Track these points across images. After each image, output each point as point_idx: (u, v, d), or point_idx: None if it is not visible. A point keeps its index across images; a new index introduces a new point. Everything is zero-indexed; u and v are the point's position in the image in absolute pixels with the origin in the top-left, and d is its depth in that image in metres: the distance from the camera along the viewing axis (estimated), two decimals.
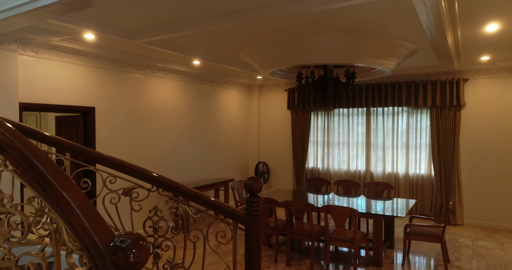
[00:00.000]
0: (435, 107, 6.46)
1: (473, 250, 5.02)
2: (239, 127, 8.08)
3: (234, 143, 7.88)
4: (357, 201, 5.13)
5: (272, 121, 8.26)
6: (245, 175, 8.27)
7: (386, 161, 7.08)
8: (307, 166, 7.89)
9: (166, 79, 6.13)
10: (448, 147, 6.36)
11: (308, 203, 4.27)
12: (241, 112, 8.13)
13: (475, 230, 6.02)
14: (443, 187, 6.40)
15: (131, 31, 4.14)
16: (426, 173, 6.74)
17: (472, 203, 6.29)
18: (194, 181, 6.64)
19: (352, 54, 4.20)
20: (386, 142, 7.09)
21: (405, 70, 6.45)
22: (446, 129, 6.37)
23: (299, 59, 4.34)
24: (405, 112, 6.90)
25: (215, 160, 7.30)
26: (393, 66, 4.68)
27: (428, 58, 5.35)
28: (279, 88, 8.12)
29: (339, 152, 7.58)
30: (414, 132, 6.83)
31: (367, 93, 7.06)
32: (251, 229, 2.36)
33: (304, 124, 7.76)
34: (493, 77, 6.08)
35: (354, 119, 7.41)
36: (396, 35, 4.03)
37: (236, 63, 6.00)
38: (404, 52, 4.47)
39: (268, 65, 4.71)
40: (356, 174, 7.37)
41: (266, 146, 8.34)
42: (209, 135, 7.14)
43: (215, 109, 7.31)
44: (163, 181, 2.49)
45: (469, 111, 6.29)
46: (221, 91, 7.47)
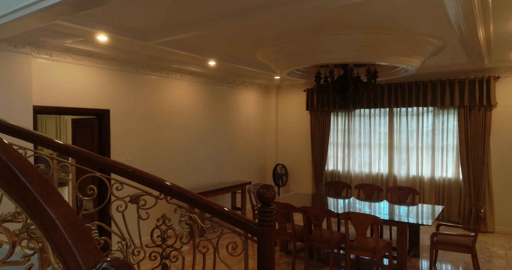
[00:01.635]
0: (463, 107, 6.10)
1: (506, 261, 4.67)
2: (257, 129, 7.92)
3: (251, 145, 7.73)
4: (379, 207, 4.88)
5: (290, 122, 8.07)
6: (263, 178, 8.11)
7: (410, 163, 6.76)
8: (327, 169, 7.65)
9: (182, 81, 6.05)
10: (477, 150, 5.99)
11: (327, 209, 4.06)
12: (259, 113, 7.97)
13: (508, 238, 5.64)
14: (472, 192, 6.03)
15: (143, 32, 4.05)
16: (453, 176, 6.39)
17: (504, 209, 5.90)
18: (210, 184, 6.53)
19: (374, 52, 3.96)
20: (410, 143, 6.77)
21: (431, 69, 6.13)
22: (475, 131, 6.01)
23: (317, 58, 4.14)
24: (430, 113, 6.57)
25: (232, 162, 7.17)
26: (417, 65, 4.41)
27: (455, 55, 5.04)
28: (297, 89, 7.91)
29: (360, 154, 7.30)
30: (440, 133, 6.49)
31: (389, 93, 6.77)
32: (263, 241, 2.19)
33: (324, 125, 7.52)
34: None
35: (376, 119, 7.12)
36: (421, 31, 3.77)
37: (252, 63, 5.84)
38: (430, 49, 4.19)
39: (285, 65, 4.53)
40: (378, 178, 7.08)
41: (284, 148, 8.15)
42: (226, 137, 7.01)
43: (231, 111, 7.18)
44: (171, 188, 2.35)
45: (500, 111, 5.91)
46: (237, 92, 7.34)
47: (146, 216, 2.38)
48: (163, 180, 2.34)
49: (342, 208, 4.93)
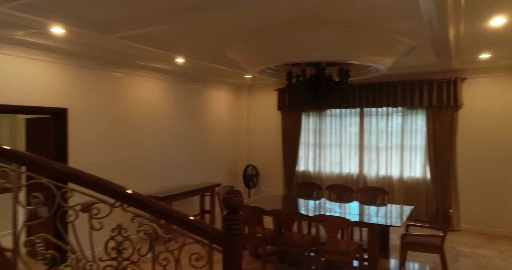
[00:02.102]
0: (431, 107, 6.19)
1: (472, 259, 4.74)
2: (228, 129, 7.73)
3: (222, 145, 7.53)
4: (350, 208, 4.82)
5: (262, 122, 7.93)
6: (234, 179, 7.92)
7: (380, 163, 6.80)
8: (298, 169, 7.57)
9: (149, 78, 5.76)
10: (444, 149, 6.09)
11: (298, 212, 3.94)
12: (230, 113, 7.78)
13: (473, 236, 5.76)
14: (439, 191, 6.12)
15: (104, 24, 3.77)
16: (421, 176, 6.47)
17: (469, 208, 6.02)
18: (179, 187, 6.27)
19: (347, 51, 3.88)
20: (379, 143, 6.80)
21: (401, 69, 6.16)
22: (443, 131, 6.10)
23: (289, 57, 4.01)
24: (400, 113, 6.63)
25: (202, 164, 6.95)
26: (389, 64, 4.38)
27: (425, 56, 5.06)
28: (269, 88, 7.79)
29: (331, 155, 7.28)
30: (409, 133, 6.55)
31: (360, 93, 6.77)
32: (229, 251, 2.01)
33: (295, 126, 7.44)
34: (492, 76, 5.82)
35: (346, 120, 7.11)
36: (395, 29, 3.72)
37: (223, 61, 5.64)
38: (402, 48, 4.16)
39: (257, 63, 4.37)
40: (349, 177, 7.07)
41: (256, 149, 8.01)
42: (196, 138, 6.78)
43: (202, 110, 6.95)
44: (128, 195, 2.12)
45: (466, 112, 6.03)
46: (208, 91, 7.12)
47: (100, 226, 2.14)
48: (118, 185, 2.11)
49: (313, 209, 4.84)
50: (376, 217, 4.38)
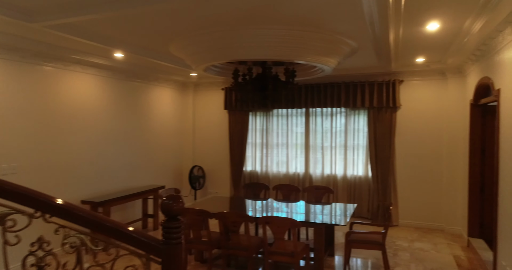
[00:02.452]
0: (372, 108, 6.44)
1: (410, 253, 4.98)
2: (173, 129, 7.43)
3: (167, 146, 7.21)
4: (296, 207, 4.83)
5: (208, 122, 7.74)
6: (179, 181, 7.64)
7: (325, 163, 6.94)
8: (245, 170, 7.49)
9: (84, 74, 5.31)
10: (384, 148, 6.36)
11: (244, 214, 3.84)
12: (175, 112, 7.48)
13: (410, 230, 6.08)
14: (379, 189, 6.39)
15: (28, 11, 3.36)
16: (363, 174, 6.71)
17: (406, 204, 6.36)
18: (119, 190, 5.88)
19: (293, 50, 3.85)
20: (324, 143, 6.95)
21: (344, 71, 6.34)
22: (383, 131, 6.37)
23: (235, 54, 3.89)
24: (343, 113, 6.82)
25: (145, 165, 6.59)
26: (334, 65, 4.44)
27: (367, 57, 5.23)
28: (215, 87, 7.62)
29: (278, 154, 7.30)
30: (352, 133, 6.77)
31: (306, 94, 6.86)
32: (169, 262, 1.84)
33: (242, 125, 7.35)
34: (426, 79, 6.19)
35: (293, 120, 7.18)
36: (339, 30, 3.76)
37: (166, 57, 5.37)
38: (346, 49, 4.24)
39: (201, 60, 4.19)
40: (295, 177, 7.14)
41: (202, 149, 7.79)
42: (138, 138, 6.41)
43: (145, 109, 6.59)
44: (50, 203, 1.86)
45: (404, 113, 6.35)
46: (152, 89, 6.77)
47: (16, 240, 1.86)
48: (38, 193, 1.84)
49: (261, 210, 4.77)
50: (321, 216, 4.41)
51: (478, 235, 5.14)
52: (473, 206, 5.19)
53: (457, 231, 5.91)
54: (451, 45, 4.52)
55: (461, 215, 5.84)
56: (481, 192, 5.15)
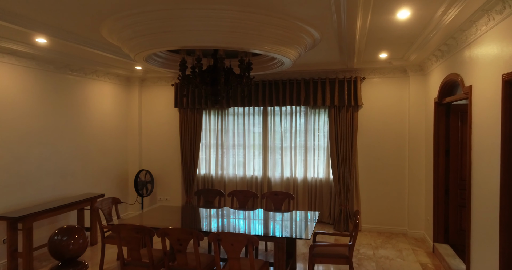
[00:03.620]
0: (333, 107, 6.06)
1: (376, 262, 4.62)
2: (116, 129, 6.60)
3: (107, 148, 6.38)
4: (254, 218, 4.29)
5: (156, 121, 6.99)
6: (123, 187, 6.82)
7: (284, 165, 6.48)
8: (199, 173, 6.85)
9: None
10: (346, 150, 6.02)
11: (192, 230, 3.23)
12: (118, 110, 6.66)
13: (373, 236, 5.77)
14: (342, 192, 6.03)
15: None
16: (324, 177, 6.33)
17: (368, 208, 6.06)
18: (46, 201, 5.01)
19: (248, 37, 3.30)
20: (283, 144, 6.49)
21: (304, 66, 5.92)
22: (345, 131, 6.02)
23: (178, 40, 3.26)
24: (303, 112, 6.39)
25: (81, 171, 5.73)
26: (294, 57, 3.95)
27: (329, 52, 4.82)
28: (164, 82, 6.90)
29: (234, 156, 6.73)
30: (312, 133, 6.36)
31: (263, 91, 6.35)
32: None
33: (195, 125, 6.70)
34: (388, 76, 5.92)
35: (250, 119, 6.64)
36: (299, 15, 3.27)
37: (102, 45, 4.61)
38: (307, 40, 3.76)
39: (139, 46, 3.51)
40: (253, 181, 6.61)
41: (150, 151, 7.03)
42: (72, 139, 5.54)
43: (80, 106, 5.73)
44: None
45: (365, 112, 6.05)
46: (88, 84, 5.92)
47: None
48: None
49: (216, 222, 4.18)
50: (282, 228, 3.90)
51: (443, 240, 4.91)
52: (437, 210, 4.95)
53: (420, 235, 5.68)
54: (417, 38, 4.21)
55: (424, 219, 5.62)
56: (446, 194, 4.92)
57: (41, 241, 4.96)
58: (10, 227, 4.27)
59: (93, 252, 5.06)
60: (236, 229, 3.81)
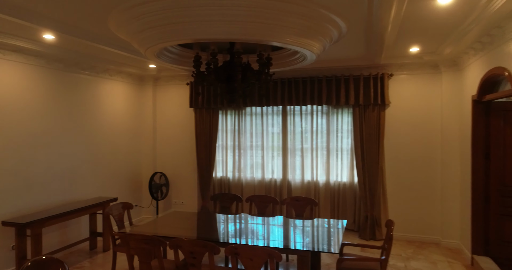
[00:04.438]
0: (358, 106, 5.65)
1: None
2: (128, 130, 6.37)
3: (120, 150, 6.15)
4: (274, 226, 3.95)
5: (171, 122, 6.74)
6: (137, 191, 6.59)
7: (305, 168, 6.11)
8: (215, 176, 6.55)
9: (5, 61, 4.21)
10: (372, 152, 5.60)
11: (207, 243, 2.91)
12: (131, 110, 6.43)
13: (403, 245, 5.33)
14: (367, 197, 5.61)
15: None
16: (348, 181, 5.92)
17: (397, 214, 5.62)
18: (56, 205, 4.81)
19: (268, 28, 2.96)
20: (304, 145, 6.11)
21: (326, 63, 5.54)
22: (370, 132, 5.61)
23: (190, 31, 2.96)
24: (325, 112, 6.00)
25: (92, 173, 5.51)
26: (318, 50, 3.58)
27: (354, 46, 4.44)
28: (179, 81, 6.63)
29: (252, 158, 6.40)
30: (335, 134, 5.97)
31: (282, 89, 6.00)
32: None
33: (211, 125, 6.40)
34: (417, 73, 5.47)
35: (268, 119, 6.30)
36: (324, 2, 2.91)
37: (112, 41, 4.36)
38: (333, 31, 3.40)
39: (149, 40, 3.22)
40: (272, 184, 6.26)
41: (165, 153, 6.78)
42: (82, 141, 5.33)
43: (91, 107, 5.52)
44: None
45: (393, 111, 5.61)
46: (100, 83, 5.70)
47: None
48: None
49: (233, 231, 3.85)
50: (305, 239, 3.54)
51: (483, 252, 4.44)
52: (476, 219, 4.48)
53: (454, 245, 5.21)
54: (456, 28, 3.78)
55: (459, 227, 5.15)
56: (486, 202, 4.45)
57: (52, 247, 4.76)
58: (18, 233, 4.06)
59: (104, 259, 4.83)
60: (255, 240, 3.47)
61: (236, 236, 3.62)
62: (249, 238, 3.55)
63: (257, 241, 3.46)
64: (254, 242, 3.41)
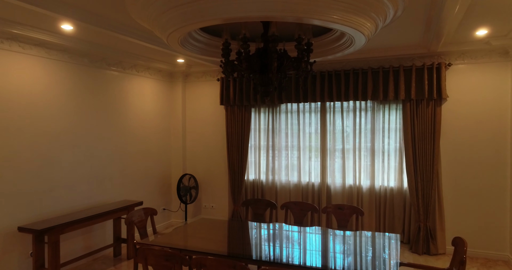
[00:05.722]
0: (409, 101, 4.97)
1: None
2: (157, 129, 6.05)
3: (148, 150, 5.83)
4: (313, 239, 3.40)
5: (201, 120, 6.34)
6: (166, 193, 6.25)
7: (346, 170, 5.49)
8: (247, 178, 6.08)
9: (26, 56, 3.96)
10: (426, 153, 4.89)
11: (236, 263, 2.42)
12: (160, 108, 6.10)
13: None
14: (420, 205, 4.92)
15: None
16: (396, 186, 5.24)
17: (455, 226, 4.88)
18: (81, 208, 4.53)
19: (310, 2, 2.43)
20: (345, 146, 5.50)
21: (370, 52, 4.91)
22: (424, 130, 4.90)
23: (219, 10, 2.48)
24: (369, 108, 5.36)
25: (119, 175, 5.22)
26: (369, 32, 2.99)
27: (408, 30, 3.79)
28: (209, 77, 6.23)
29: (287, 160, 5.86)
30: (381, 133, 5.30)
31: (322, 84, 5.42)
32: None
33: (243, 124, 5.94)
34: (480, 62, 4.70)
35: (305, 117, 5.74)
36: None
37: (138, 32, 4.00)
38: (389, 7, 2.79)
39: (170, 23, 2.79)
40: (309, 188, 5.70)
41: (194, 154, 6.40)
42: (109, 141, 5.04)
43: (118, 104, 5.22)
44: None
45: (450, 107, 4.88)
46: (128, 79, 5.40)
47: None
48: None
49: (267, 245, 3.35)
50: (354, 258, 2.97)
51: None
52: None
53: None
54: None
55: None
56: None
57: (75, 253, 4.48)
58: (35, 240, 3.78)
59: (129, 268, 4.48)
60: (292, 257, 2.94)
61: (270, 251, 3.10)
62: (284, 253, 3.03)
63: (298, 257, 2.93)
64: (291, 259, 2.88)
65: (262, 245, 3.30)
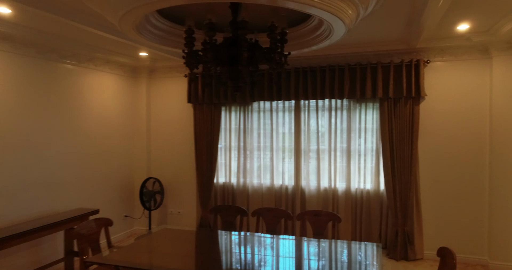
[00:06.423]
0: (387, 99, 4.75)
1: None
2: (119, 129, 5.53)
3: (109, 152, 5.31)
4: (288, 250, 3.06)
5: (168, 119, 5.88)
6: (128, 199, 5.74)
7: (321, 172, 5.21)
8: (217, 182, 5.68)
9: None
10: (404, 154, 4.69)
11: None
12: (122, 106, 5.59)
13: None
14: (398, 209, 4.70)
15: None
16: (373, 188, 5.01)
17: (433, 229, 4.70)
18: (30, 218, 3.99)
19: None
20: (320, 146, 5.22)
21: (348, 47, 4.65)
22: (402, 130, 4.70)
23: None
24: (345, 107, 5.10)
25: (74, 180, 4.68)
26: (350, 20, 2.69)
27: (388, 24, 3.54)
28: (177, 73, 5.78)
29: (259, 162, 5.52)
30: (357, 133, 5.06)
31: (296, 81, 5.11)
32: None
33: (212, 123, 5.54)
34: (460, 59, 4.54)
35: (279, 116, 5.42)
36: None
37: (93, 19, 3.51)
38: None
39: (122, 4, 2.36)
40: (283, 191, 5.38)
41: (160, 155, 5.93)
42: (63, 142, 4.50)
43: (74, 102, 4.68)
44: None
45: (429, 105, 4.70)
46: (84, 74, 4.87)
47: None
48: None
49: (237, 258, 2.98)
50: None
51: None
52: None
53: (506, 268, 4.28)
54: None
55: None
56: None
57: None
58: None
59: None
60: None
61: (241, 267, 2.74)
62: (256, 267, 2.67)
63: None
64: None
65: (232, 259, 2.92)
